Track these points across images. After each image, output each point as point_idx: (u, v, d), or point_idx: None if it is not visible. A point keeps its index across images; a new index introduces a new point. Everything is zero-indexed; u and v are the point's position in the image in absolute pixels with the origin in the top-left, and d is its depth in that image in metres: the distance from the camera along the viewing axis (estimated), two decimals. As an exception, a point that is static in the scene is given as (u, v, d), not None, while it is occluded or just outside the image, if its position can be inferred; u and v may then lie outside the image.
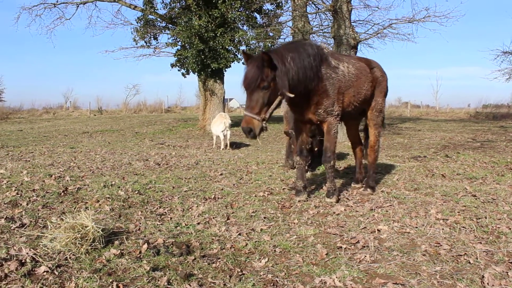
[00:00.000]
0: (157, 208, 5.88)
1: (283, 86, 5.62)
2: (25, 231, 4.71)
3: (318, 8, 19.51)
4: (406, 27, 38.40)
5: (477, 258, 4.05)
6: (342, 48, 15.50)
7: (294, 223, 5.28)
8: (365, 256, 4.15)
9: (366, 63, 7.24)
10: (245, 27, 22.00)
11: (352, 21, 15.90)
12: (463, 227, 4.98)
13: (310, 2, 19.52)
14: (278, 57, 5.72)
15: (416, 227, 5.02)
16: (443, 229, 4.93)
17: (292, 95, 5.70)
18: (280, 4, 23.03)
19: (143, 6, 22.49)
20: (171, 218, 5.43)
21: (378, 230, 4.95)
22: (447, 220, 5.25)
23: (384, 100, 7.47)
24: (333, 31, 16.01)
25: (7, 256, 3.92)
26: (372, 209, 5.85)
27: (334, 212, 5.74)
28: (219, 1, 20.07)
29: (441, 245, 4.41)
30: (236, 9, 20.65)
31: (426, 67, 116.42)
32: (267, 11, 23.16)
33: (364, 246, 4.45)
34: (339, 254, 4.26)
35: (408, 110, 41.30)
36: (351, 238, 4.68)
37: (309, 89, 6.03)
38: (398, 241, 4.60)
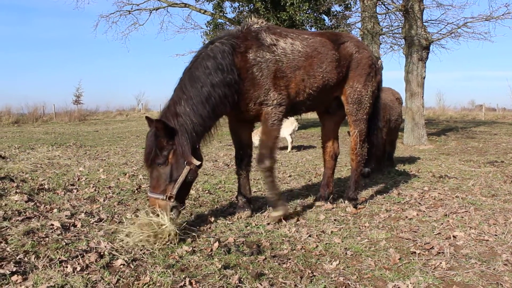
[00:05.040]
0: (227, 208, 5.97)
1: (185, 153, 4.60)
2: (102, 225, 4.94)
3: (388, 9, 19.10)
4: (482, 25, 36.62)
5: None
6: (413, 49, 15.06)
7: (365, 226, 5.17)
8: (441, 263, 4.00)
9: (330, 37, 5.77)
10: (313, 29, 21.92)
11: (424, 20, 15.43)
12: (548, 236, 4.68)
13: (380, 3, 19.16)
14: (172, 114, 4.68)
15: (496, 235, 4.77)
16: (525, 238, 4.65)
17: (198, 163, 4.75)
18: (349, 5, 22.82)
19: (212, 10, 23.07)
20: (241, 217, 5.48)
21: (453, 236, 4.75)
22: (530, 228, 4.95)
23: (366, 86, 5.85)
24: (404, 32, 15.60)
25: (87, 248, 4.14)
26: (446, 215, 5.62)
27: (406, 217, 5.57)
28: (287, 4, 20.19)
29: (524, 255, 4.16)
30: (304, 11, 20.65)
31: (503, 67, 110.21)
32: (335, 12, 22.99)
33: (439, 253, 4.29)
34: (413, 259, 4.13)
35: (482, 113, 39.33)
36: (425, 244, 4.52)
37: (239, 94, 5.00)
38: (476, 248, 4.39)
